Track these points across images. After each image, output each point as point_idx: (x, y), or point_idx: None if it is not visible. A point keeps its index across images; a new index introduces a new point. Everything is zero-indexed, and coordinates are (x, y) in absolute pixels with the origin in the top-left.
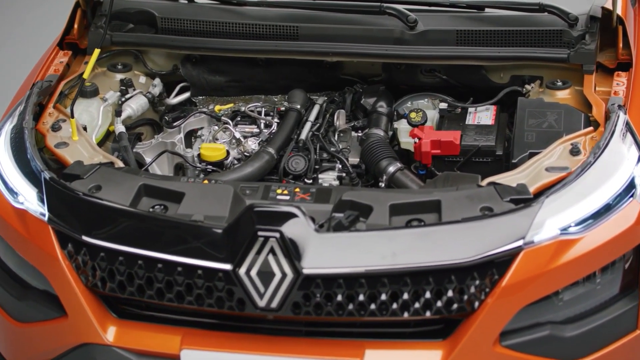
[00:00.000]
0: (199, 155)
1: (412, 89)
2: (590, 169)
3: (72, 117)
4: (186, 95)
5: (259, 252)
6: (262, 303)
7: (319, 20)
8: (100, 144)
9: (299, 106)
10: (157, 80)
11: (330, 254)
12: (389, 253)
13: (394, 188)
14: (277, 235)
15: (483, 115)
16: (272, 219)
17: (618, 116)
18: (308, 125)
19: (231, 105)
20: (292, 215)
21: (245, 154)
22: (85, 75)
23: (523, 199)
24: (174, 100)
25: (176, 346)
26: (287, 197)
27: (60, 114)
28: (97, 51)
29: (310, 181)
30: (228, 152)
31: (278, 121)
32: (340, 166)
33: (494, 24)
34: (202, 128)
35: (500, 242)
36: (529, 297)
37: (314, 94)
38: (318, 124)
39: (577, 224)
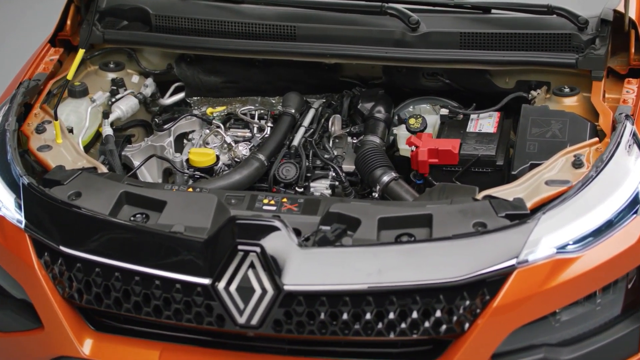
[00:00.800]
0: (187, 160)
1: (414, 92)
2: (592, 184)
3: (56, 119)
4: (181, 95)
5: (238, 267)
6: (241, 320)
7: (318, 19)
8: (89, 146)
9: (293, 110)
10: (149, 81)
11: (313, 270)
12: (374, 270)
13: (388, 199)
14: (258, 249)
15: (485, 122)
16: (253, 232)
17: (624, 127)
18: (301, 131)
19: (224, 107)
20: (274, 229)
21: (236, 159)
22: (69, 77)
23: (519, 215)
24: (168, 100)
25: None
26: (274, 208)
27: (46, 115)
28: (81, 52)
29: (302, 190)
30: (218, 158)
31: (272, 125)
32: (333, 174)
33: (500, 27)
34: (193, 131)
35: (492, 260)
36: (522, 318)
37: (312, 96)
38: (312, 130)
39: (576, 242)
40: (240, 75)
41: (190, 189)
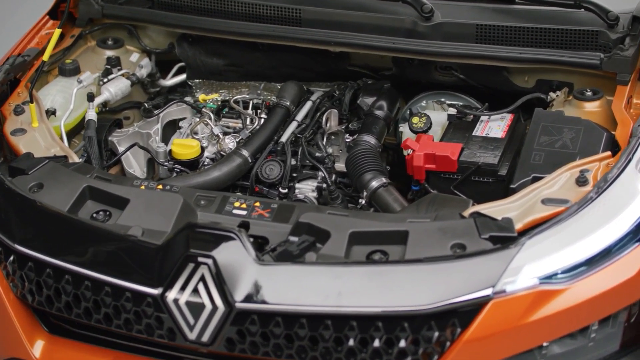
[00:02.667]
0: (170, 151)
1: (428, 86)
2: (590, 206)
3: (32, 101)
4: (182, 77)
5: (189, 279)
6: (192, 336)
7: (326, 3)
8: (76, 130)
9: (287, 102)
10: (145, 61)
11: (269, 287)
12: (333, 292)
13: (375, 206)
14: (210, 261)
15: (495, 125)
16: (207, 241)
17: (639, 141)
18: (292, 126)
19: (217, 95)
20: (229, 239)
21: (222, 153)
22: (44, 58)
23: (504, 238)
24: (168, 82)
25: None
26: (244, 212)
27: (36, 92)
28: (57, 31)
29: (285, 191)
30: (203, 150)
31: (266, 117)
32: (323, 175)
33: (521, 19)
34: (184, 119)
35: (465, 289)
36: (497, 353)
37: (321, 84)
38: (304, 125)
39: (565, 272)
40: (244, 58)
41: (160, 186)
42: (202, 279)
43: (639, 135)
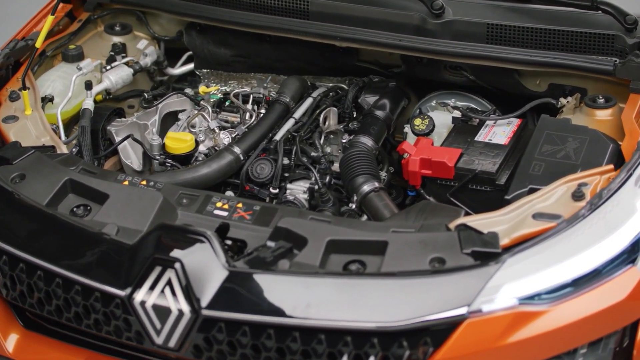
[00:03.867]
0: (163, 145)
1: (439, 85)
2: (581, 224)
3: (24, 88)
4: (190, 66)
5: (155, 282)
6: (159, 340)
7: None
8: (76, 118)
9: (287, 98)
10: (150, 49)
11: (237, 295)
12: (302, 303)
13: (365, 211)
14: (177, 265)
15: (500, 130)
16: (177, 244)
17: None
18: (289, 123)
19: (217, 88)
20: (200, 243)
21: (216, 148)
22: (37, 44)
23: (487, 254)
24: (176, 70)
25: None
26: (225, 213)
27: (28, 81)
28: (50, 18)
29: (276, 191)
30: (198, 144)
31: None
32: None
33: (535, 20)
34: (183, 111)
35: (439, 306)
36: None
37: (332, 79)
38: (301, 123)
39: (549, 293)
40: (251, 50)
41: (144, 182)
42: (169, 282)
43: None
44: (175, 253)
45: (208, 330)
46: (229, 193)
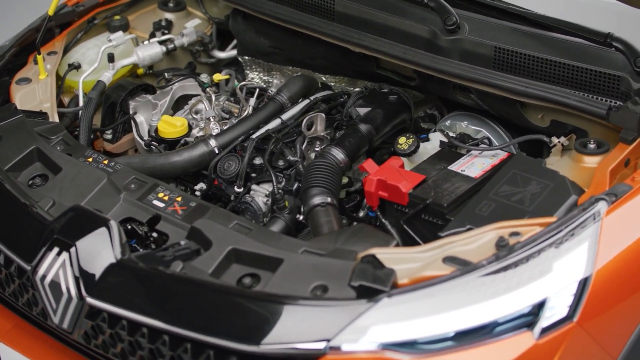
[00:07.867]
0: (156, 128)
1: (459, 105)
2: (473, 274)
3: (39, 53)
4: (234, 52)
5: (53, 262)
6: (55, 320)
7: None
8: None
9: (284, 97)
10: (189, 30)
11: (120, 289)
12: (175, 309)
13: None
14: (72, 250)
15: (479, 162)
16: (81, 227)
17: (584, 210)
18: (274, 123)
19: (227, 77)
20: (102, 230)
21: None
22: (50, 12)
23: (373, 290)
24: (223, 54)
25: None
26: (162, 205)
27: (58, 45)
28: None
29: (240, 190)
30: (191, 129)
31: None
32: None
33: (546, 49)
34: (196, 95)
35: (302, 336)
36: None
37: (357, 82)
38: (284, 124)
39: (427, 343)
40: (285, 43)
41: (106, 161)
42: (63, 265)
43: (586, 207)
44: (75, 237)
45: (94, 318)
46: (201, 185)
